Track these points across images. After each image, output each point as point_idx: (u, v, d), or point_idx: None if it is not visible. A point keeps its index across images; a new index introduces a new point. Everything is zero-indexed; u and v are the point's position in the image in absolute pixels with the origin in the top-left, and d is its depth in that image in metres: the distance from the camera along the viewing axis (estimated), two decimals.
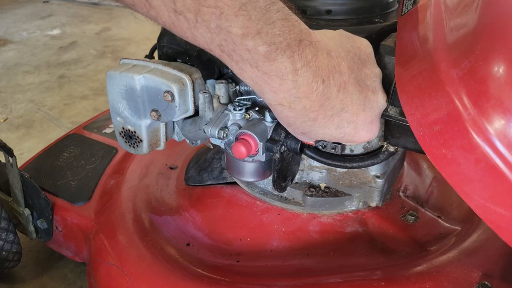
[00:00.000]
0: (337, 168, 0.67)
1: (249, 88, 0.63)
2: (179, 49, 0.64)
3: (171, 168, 0.89)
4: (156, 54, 0.70)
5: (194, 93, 0.58)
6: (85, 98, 1.76)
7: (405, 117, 0.45)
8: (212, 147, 0.67)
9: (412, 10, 0.53)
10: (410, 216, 0.71)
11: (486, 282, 0.57)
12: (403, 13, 0.54)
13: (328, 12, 0.61)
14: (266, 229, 0.71)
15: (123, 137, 0.62)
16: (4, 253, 0.80)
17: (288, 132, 0.57)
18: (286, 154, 0.58)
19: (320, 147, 0.63)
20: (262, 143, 0.55)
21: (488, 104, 0.38)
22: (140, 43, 2.38)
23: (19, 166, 0.83)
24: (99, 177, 0.89)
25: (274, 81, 0.41)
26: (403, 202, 0.75)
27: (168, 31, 0.63)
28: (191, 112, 0.59)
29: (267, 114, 0.56)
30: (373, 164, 0.61)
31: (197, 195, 0.79)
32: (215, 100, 0.58)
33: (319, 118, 0.46)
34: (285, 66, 0.40)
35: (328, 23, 0.60)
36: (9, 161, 0.79)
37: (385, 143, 0.59)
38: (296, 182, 0.71)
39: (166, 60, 0.64)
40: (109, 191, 0.84)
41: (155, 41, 0.67)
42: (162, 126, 0.61)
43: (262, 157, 0.57)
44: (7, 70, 2.04)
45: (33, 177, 0.83)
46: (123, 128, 0.61)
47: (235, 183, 0.78)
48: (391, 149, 0.59)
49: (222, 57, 0.41)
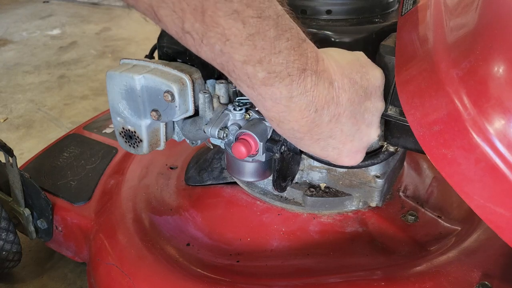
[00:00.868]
0: (337, 168, 0.67)
1: None
2: (179, 49, 0.64)
3: (171, 168, 0.89)
4: (156, 54, 0.70)
5: (194, 93, 0.58)
6: (85, 98, 1.76)
7: (405, 117, 0.45)
8: (212, 147, 0.67)
9: (412, 10, 0.53)
10: (410, 216, 0.71)
11: (486, 282, 0.57)
12: (403, 13, 0.54)
13: (328, 12, 0.61)
14: (266, 229, 0.71)
15: (123, 137, 0.62)
16: (4, 253, 0.80)
17: None
18: (286, 154, 0.58)
19: None
20: (262, 143, 0.55)
21: (488, 104, 0.38)
22: (140, 43, 2.38)
23: (19, 166, 0.83)
24: (99, 177, 0.89)
25: (267, 102, 0.42)
26: (403, 202, 0.75)
27: None
28: (191, 112, 0.59)
29: None
30: (373, 164, 0.61)
31: (197, 195, 0.79)
32: (215, 100, 0.58)
33: (305, 139, 0.47)
34: (281, 92, 0.40)
35: (328, 23, 0.60)
36: (9, 161, 0.79)
37: (385, 143, 0.59)
38: (296, 182, 0.71)
39: (166, 60, 0.64)
40: (109, 191, 0.84)
41: (155, 41, 0.67)
42: (162, 126, 0.61)
43: (262, 157, 0.57)
44: (7, 70, 2.04)
45: (33, 177, 0.83)
46: (123, 128, 0.61)
47: (235, 183, 0.78)
48: (391, 149, 0.59)
49: (222, 71, 0.41)
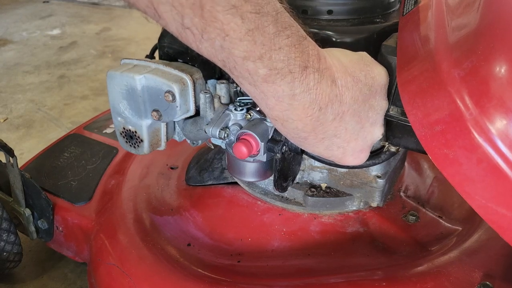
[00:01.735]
0: (338, 168, 0.67)
1: None
2: (180, 49, 0.64)
3: (172, 168, 0.89)
4: (157, 54, 0.69)
5: (195, 93, 0.58)
6: (85, 98, 1.76)
7: (407, 117, 0.45)
8: (213, 147, 0.67)
9: (414, 10, 0.53)
10: (411, 216, 0.71)
11: (488, 282, 0.57)
12: (405, 13, 0.54)
13: (329, 12, 0.61)
14: (267, 229, 0.71)
15: (124, 137, 0.62)
16: (5, 254, 0.80)
17: None
18: (287, 154, 0.58)
19: None
20: (263, 143, 0.55)
21: (490, 104, 0.38)
22: (140, 43, 2.38)
23: (20, 166, 0.83)
24: (100, 177, 0.89)
25: (270, 100, 0.42)
26: (404, 202, 0.75)
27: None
28: (192, 112, 0.59)
29: None
30: (374, 164, 0.61)
31: (198, 195, 0.79)
32: (216, 100, 0.58)
33: (310, 138, 0.46)
34: (283, 90, 0.40)
35: (329, 23, 0.60)
36: (10, 161, 0.79)
37: (387, 143, 0.58)
38: (297, 182, 0.71)
39: (167, 60, 0.64)
40: (110, 191, 0.84)
41: (156, 41, 0.67)
42: (163, 126, 0.61)
43: (263, 157, 0.57)
44: (7, 70, 2.04)
45: (34, 177, 0.83)
46: (124, 128, 0.61)
47: (236, 183, 0.78)
48: (393, 149, 0.59)
49: (224, 69, 0.41)
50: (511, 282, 0.58)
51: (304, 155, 0.64)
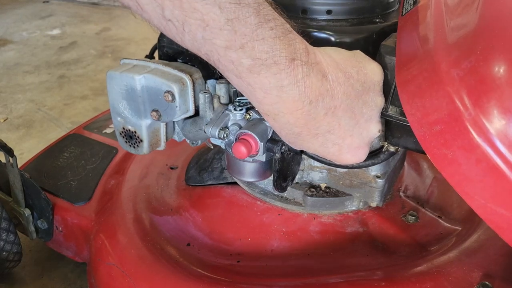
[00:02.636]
0: (338, 168, 0.67)
1: None
2: (180, 49, 0.64)
3: (172, 168, 0.89)
4: (157, 54, 0.69)
5: (195, 93, 0.58)
6: (85, 98, 1.76)
7: (406, 117, 0.45)
8: (213, 147, 0.67)
9: (413, 10, 0.53)
10: (411, 216, 0.71)
11: (487, 282, 0.57)
12: (404, 13, 0.54)
13: (329, 12, 0.61)
14: (267, 229, 0.71)
15: (124, 137, 0.62)
16: (5, 254, 0.80)
17: None
18: (287, 154, 0.58)
19: None
20: (263, 143, 0.55)
21: (489, 104, 0.38)
22: (140, 43, 2.38)
23: (19, 166, 0.83)
24: (100, 177, 0.89)
25: (258, 93, 0.42)
26: (404, 202, 0.75)
27: None
28: (192, 112, 0.59)
29: None
30: (374, 164, 0.61)
31: (198, 195, 0.79)
32: (216, 100, 0.58)
33: (303, 134, 0.46)
34: (269, 81, 0.41)
35: (329, 23, 0.60)
36: (10, 161, 0.79)
37: (386, 143, 0.58)
38: (297, 182, 0.71)
39: (167, 60, 0.64)
40: (110, 191, 0.84)
41: (155, 41, 0.67)
42: (163, 126, 0.61)
43: (263, 157, 0.57)
44: (7, 70, 2.04)
45: (34, 177, 0.83)
46: (124, 128, 0.61)
47: (236, 183, 0.78)
48: (392, 149, 0.59)
49: (210, 63, 0.42)
50: (511, 282, 0.58)
51: (304, 155, 0.64)
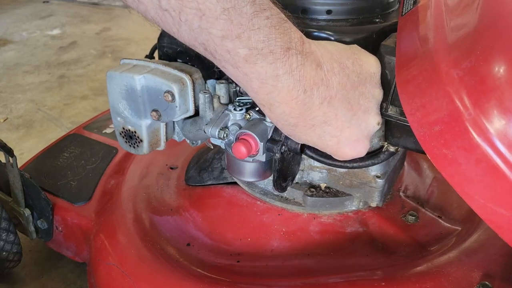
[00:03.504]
0: (338, 168, 0.67)
1: None
2: (180, 49, 0.64)
3: (172, 168, 0.89)
4: (157, 54, 0.70)
5: (195, 93, 0.58)
6: (85, 98, 1.76)
7: (406, 117, 0.45)
8: (213, 147, 0.67)
9: (413, 10, 0.53)
10: (411, 216, 0.71)
11: (487, 282, 0.57)
12: (404, 13, 0.54)
13: (329, 12, 0.61)
14: (267, 229, 0.71)
15: (124, 137, 0.62)
16: (5, 254, 0.80)
17: None
18: (287, 154, 0.58)
19: None
20: (263, 143, 0.55)
21: (489, 104, 0.38)
22: (140, 43, 2.38)
23: (19, 166, 0.83)
24: (100, 177, 0.89)
25: (254, 83, 0.42)
26: (404, 202, 0.75)
27: None
28: (192, 112, 0.59)
29: None
30: (374, 164, 0.61)
31: (198, 195, 0.79)
32: (216, 100, 0.58)
33: (300, 125, 0.46)
34: (266, 71, 0.41)
35: (329, 23, 0.60)
36: (10, 161, 0.79)
37: (386, 143, 0.58)
38: (297, 182, 0.71)
39: (167, 60, 0.64)
40: (110, 191, 0.84)
41: (155, 41, 0.67)
42: (163, 126, 0.62)
43: (263, 157, 0.57)
44: (7, 70, 2.04)
45: (33, 177, 0.83)
46: (124, 128, 0.61)
47: (236, 183, 0.78)
48: (392, 149, 0.59)
49: (206, 55, 0.42)
50: (510, 282, 0.58)
51: (304, 155, 0.64)
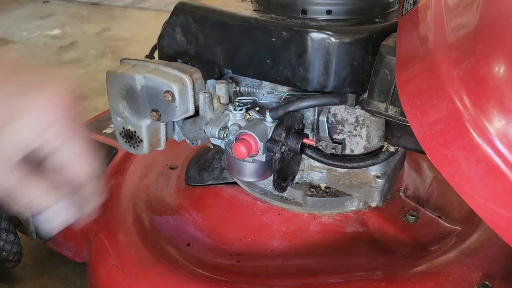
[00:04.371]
0: (338, 168, 0.67)
1: (250, 89, 0.63)
2: (180, 49, 0.64)
3: (172, 168, 0.89)
4: (157, 54, 0.70)
5: (195, 93, 0.58)
6: (85, 98, 1.76)
7: (406, 117, 0.45)
8: (213, 147, 0.67)
9: (413, 10, 0.53)
10: (411, 216, 0.71)
11: (487, 282, 0.57)
12: (404, 13, 0.54)
13: (329, 12, 0.61)
14: (267, 229, 0.71)
15: (124, 137, 0.62)
16: (5, 254, 0.80)
17: (289, 132, 0.57)
18: (287, 154, 0.58)
19: (321, 147, 0.63)
20: (263, 143, 0.55)
21: (489, 104, 0.38)
22: (140, 43, 2.37)
23: None
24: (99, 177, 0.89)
25: None
26: (404, 202, 0.75)
27: (168, 31, 0.63)
28: (192, 112, 0.59)
29: (267, 114, 0.56)
30: (374, 164, 0.61)
31: (198, 195, 0.79)
32: (216, 100, 0.58)
33: None
34: None
35: (329, 23, 0.60)
36: None
37: (386, 143, 0.59)
38: (297, 182, 0.71)
39: (167, 60, 0.64)
40: (109, 191, 0.84)
41: (155, 41, 0.67)
42: (163, 126, 0.62)
43: (263, 157, 0.57)
44: None
45: None
46: (124, 128, 0.61)
47: (236, 183, 0.78)
48: (392, 149, 0.59)
49: None
50: (510, 282, 0.58)
51: (304, 155, 0.64)
